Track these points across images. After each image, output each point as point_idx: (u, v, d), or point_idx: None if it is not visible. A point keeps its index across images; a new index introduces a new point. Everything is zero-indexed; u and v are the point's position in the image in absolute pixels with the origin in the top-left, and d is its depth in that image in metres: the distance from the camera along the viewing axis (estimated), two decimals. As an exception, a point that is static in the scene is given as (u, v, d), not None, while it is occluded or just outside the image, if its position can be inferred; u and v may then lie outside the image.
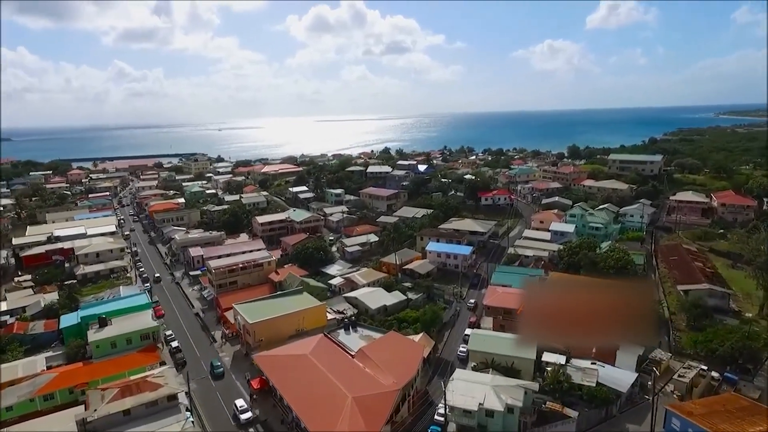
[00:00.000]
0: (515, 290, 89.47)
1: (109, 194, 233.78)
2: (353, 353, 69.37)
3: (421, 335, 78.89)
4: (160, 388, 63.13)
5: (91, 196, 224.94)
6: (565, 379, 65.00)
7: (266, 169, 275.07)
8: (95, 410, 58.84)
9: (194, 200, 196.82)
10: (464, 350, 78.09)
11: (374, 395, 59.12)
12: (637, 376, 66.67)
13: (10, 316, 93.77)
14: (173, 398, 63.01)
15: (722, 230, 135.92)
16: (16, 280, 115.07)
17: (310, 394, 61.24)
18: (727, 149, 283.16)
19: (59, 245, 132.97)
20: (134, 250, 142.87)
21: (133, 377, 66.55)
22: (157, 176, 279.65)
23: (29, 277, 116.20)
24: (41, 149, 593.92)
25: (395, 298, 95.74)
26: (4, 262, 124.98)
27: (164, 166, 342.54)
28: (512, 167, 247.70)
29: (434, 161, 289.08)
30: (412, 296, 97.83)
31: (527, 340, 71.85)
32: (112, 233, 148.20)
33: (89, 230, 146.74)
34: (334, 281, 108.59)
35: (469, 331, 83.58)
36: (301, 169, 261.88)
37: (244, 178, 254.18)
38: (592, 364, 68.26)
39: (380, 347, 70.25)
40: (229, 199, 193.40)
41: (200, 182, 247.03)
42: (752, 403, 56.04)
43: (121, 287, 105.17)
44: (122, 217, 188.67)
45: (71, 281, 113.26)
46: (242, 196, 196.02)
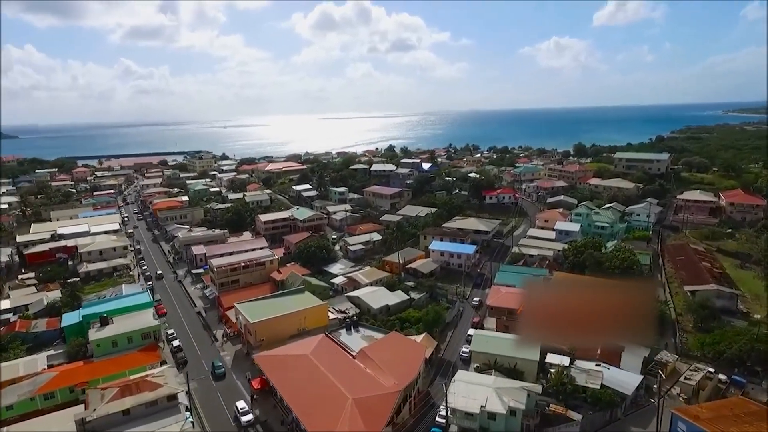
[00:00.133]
0: (519, 290, 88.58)
1: (113, 192, 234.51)
2: (354, 354, 68.79)
3: (423, 335, 78.29)
4: (159, 387, 62.76)
5: (95, 193, 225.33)
6: (569, 381, 64.16)
7: (270, 167, 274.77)
8: (94, 410, 58.59)
9: (198, 198, 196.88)
10: (467, 351, 77.21)
11: (375, 396, 58.55)
12: (642, 378, 65.77)
13: (13, 314, 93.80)
14: (173, 398, 62.66)
15: (730, 230, 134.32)
16: (19, 277, 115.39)
17: (310, 394, 60.69)
18: (735, 147, 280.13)
19: (63, 243, 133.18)
20: (137, 248, 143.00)
21: (133, 377, 66.17)
22: (161, 174, 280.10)
23: (33, 274, 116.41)
24: (48, 147, 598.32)
25: (398, 297, 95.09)
26: (8, 259, 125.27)
27: (169, 163, 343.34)
28: (517, 165, 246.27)
29: (439, 159, 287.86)
30: (414, 296, 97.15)
31: (528, 340, 70.99)
32: (115, 231, 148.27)
33: (93, 228, 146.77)
34: (336, 280, 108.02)
35: (472, 331, 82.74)
36: (305, 167, 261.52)
37: (248, 176, 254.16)
38: (596, 365, 67.38)
39: (382, 348, 69.64)
40: (232, 197, 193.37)
41: (204, 180, 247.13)
42: (760, 407, 55.07)
43: (123, 285, 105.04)
44: (126, 214, 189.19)
45: (74, 279, 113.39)
46: (246, 194, 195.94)
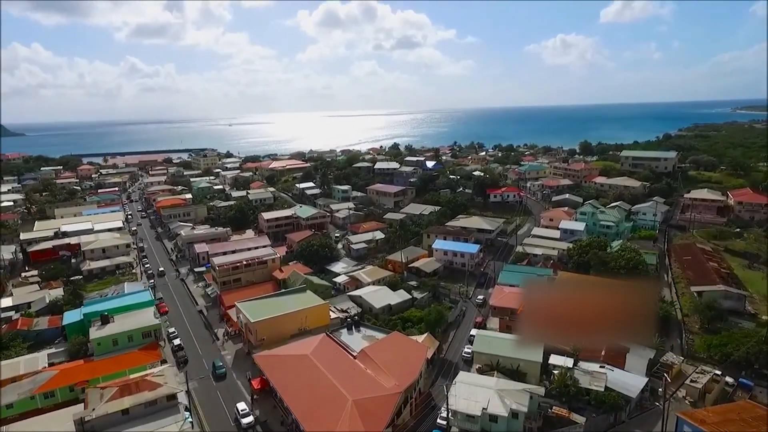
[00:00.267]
0: (522, 290, 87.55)
1: (118, 190, 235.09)
2: (355, 354, 68.12)
3: (425, 336, 77.52)
4: (159, 387, 62.44)
5: (100, 191, 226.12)
6: (572, 383, 63.27)
7: (274, 164, 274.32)
8: (93, 409, 58.32)
9: (201, 196, 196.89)
10: (469, 351, 76.37)
11: (375, 398, 57.85)
12: (647, 380, 64.69)
13: (15, 311, 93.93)
14: (172, 398, 62.33)
15: (738, 229, 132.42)
16: (23, 275, 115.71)
17: (309, 395, 60.07)
18: (744, 145, 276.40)
19: (66, 241, 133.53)
20: (140, 245, 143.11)
21: (132, 376, 65.94)
22: (165, 172, 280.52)
23: (36, 272, 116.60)
24: (54, 144, 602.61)
25: (400, 297, 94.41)
26: (12, 257, 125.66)
27: (174, 161, 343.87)
28: (522, 164, 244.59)
29: (443, 157, 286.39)
30: (417, 295, 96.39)
31: (528, 340, 70.14)
32: (118, 229, 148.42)
33: (96, 226, 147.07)
34: (338, 279, 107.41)
35: (474, 331, 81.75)
36: (308, 165, 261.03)
37: (251, 173, 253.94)
38: (600, 367, 66.37)
39: (383, 348, 68.91)
40: (236, 194, 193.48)
41: (208, 178, 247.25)
42: (769, 411, 53.79)
43: (125, 283, 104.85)
44: (130, 212, 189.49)
45: (77, 277, 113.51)
46: (249, 192, 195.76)
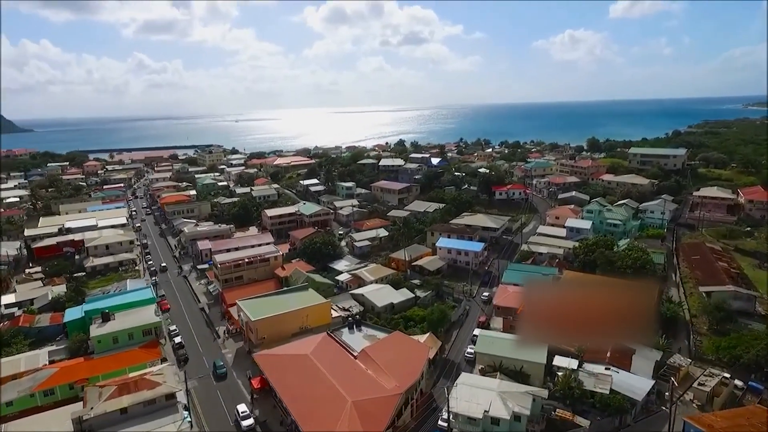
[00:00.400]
0: (522, 290, 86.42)
1: (123, 186, 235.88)
2: (356, 354, 67.28)
3: (427, 335, 76.61)
4: (158, 386, 62.07)
5: (105, 187, 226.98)
6: (576, 385, 62.07)
7: (279, 161, 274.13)
8: (92, 408, 57.99)
9: (206, 192, 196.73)
10: (472, 352, 75.23)
11: (375, 399, 57.01)
12: (653, 383, 63.41)
13: (18, 308, 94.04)
14: (171, 397, 61.95)
15: (749, 228, 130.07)
16: (26, 271, 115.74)
17: (308, 396, 59.35)
18: (755, 142, 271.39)
19: (70, 237, 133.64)
20: (144, 242, 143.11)
21: (132, 374, 65.58)
22: (171, 168, 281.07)
23: (39, 268, 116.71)
24: (62, 140, 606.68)
25: (402, 295, 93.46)
26: (17, 253, 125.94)
27: (180, 157, 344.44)
28: (528, 160, 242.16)
29: (449, 154, 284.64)
30: (420, 294, 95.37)
31: (531, 341, 69.00)
32: (122, 225, 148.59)
33: (100, 222, 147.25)
34: (341, 277, 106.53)
35: (477, 331, 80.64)
36: (313, 161, 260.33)
37: (256, 170, 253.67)
38: (606, 369, 65.07)
39: (384, 348, 68.04)
40: (240, 191, 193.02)
41: (213, 174, 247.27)
42: (779, 417, 52.37)
43: (128, 280, 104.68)
44: (135, 208, 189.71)
45: (80, 273, 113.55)
46: (253, 188, 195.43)
